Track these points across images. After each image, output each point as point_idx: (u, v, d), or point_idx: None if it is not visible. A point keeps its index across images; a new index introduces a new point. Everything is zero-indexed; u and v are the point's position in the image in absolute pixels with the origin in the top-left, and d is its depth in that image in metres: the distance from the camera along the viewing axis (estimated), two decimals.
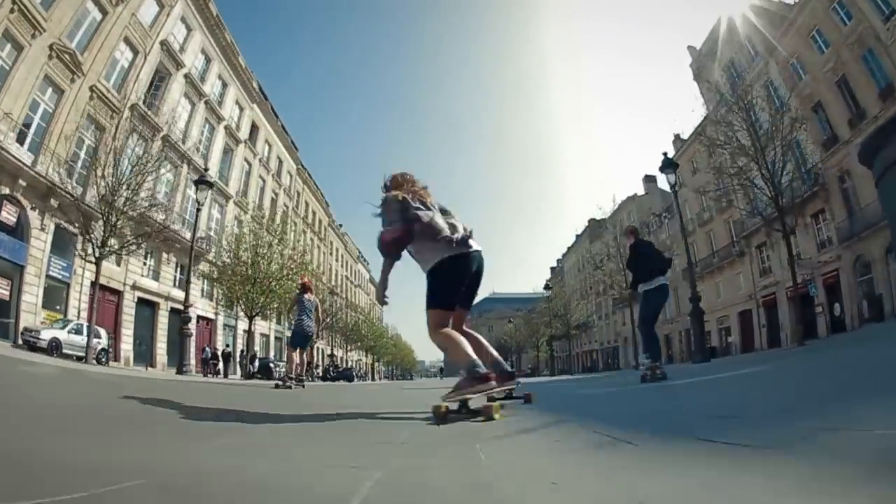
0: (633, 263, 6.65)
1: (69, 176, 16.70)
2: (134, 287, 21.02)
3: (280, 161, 37.33)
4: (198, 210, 14.11)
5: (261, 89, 34.86)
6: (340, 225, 54.66)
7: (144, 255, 22.36)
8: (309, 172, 43.09)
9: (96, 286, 12.75)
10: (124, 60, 21.77)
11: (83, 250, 13.23)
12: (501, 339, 54.28)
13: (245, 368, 18.77)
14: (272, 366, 20.95)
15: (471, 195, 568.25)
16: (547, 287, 28.55)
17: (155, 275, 22.33)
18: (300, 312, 8.62)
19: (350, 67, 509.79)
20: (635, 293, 6.83)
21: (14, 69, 16.03)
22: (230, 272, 19.07)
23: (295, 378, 8.65)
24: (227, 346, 25.68)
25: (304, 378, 9.72)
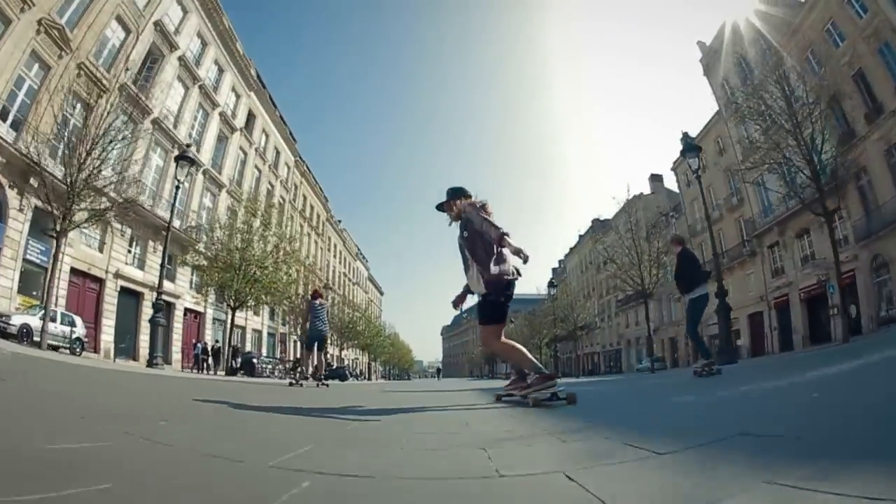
0: (680, 272, 7.32)
1: (51, 155, 15.95)
2: (117, 275, 19.99)
3: (277, 152, 36.32)
4: (177, 188, 13.11)
5: (259, 77, 33.90)
6: (339, 221, 53.64)
7: (129, 243, 21.36)
8: (307, 165, 42.09)
9: (58, 263, 11.71)
10: (115, 39, 20.95)
11: (53, 228, 12.17)
12: None
13: (227, 364, 17.62)
14: (255, 361, 19.72)
15: (472, 190, 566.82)
16: (552, 285, 27.27)
17: (140, 263, 21.30)
18: (313, 318, 9.48)
19: (351, 66, 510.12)
20: (683, 299, 7.56)
21: (0, 43, 15.21)
22: (212, 257, 18.01)
23: (313, 377, 9.68)
24: (217, 342, 24.66)
25: (322, 377, 10.30)
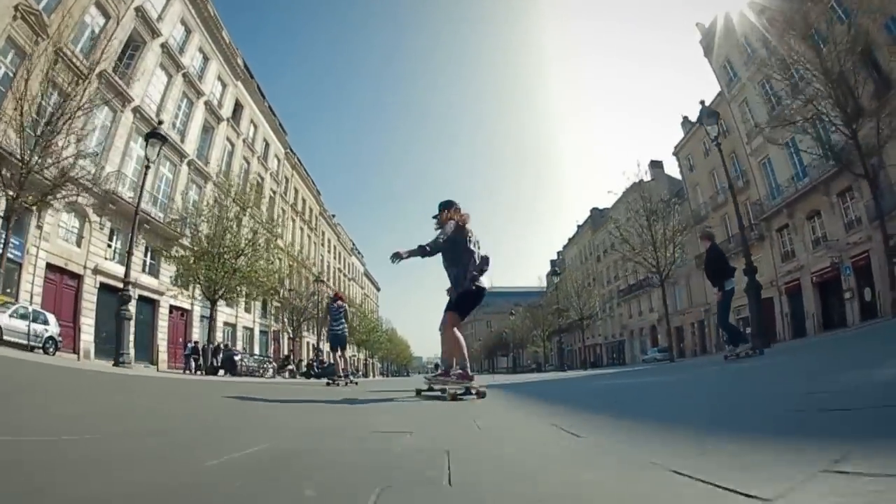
0: (711, 267, 7.84)
1: (25, 143, 14.96)
2: (96, 271, 18.85)
3: (266, 143, 35.10)
4: (146, 167, 12.03)
5: (246, 67, 32.70)
6: (333, 215, 52.39)
7: (109, 237, 20.23)
8: (298, 158, 40.84)
9: (27, 256, 10.59)
10: (95, 25, 20.00)
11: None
12: (503, 333, 52.04)
13: (207, 362, 16.46)
14: (237, 358, 18.48)
15: (467, 189, 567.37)
16: (555, 273, 26.09)
17: (121, 258, 20.07)
18: (332, 320, 10.01)
19: (345, 64, 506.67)
20: (718, 290, 7.81)
21: None
22: (189, 246, 16.86)
23: (343, 376, 10.32)
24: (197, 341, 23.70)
25: (350, 375, 11.24)
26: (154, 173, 23.05)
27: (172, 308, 22.16)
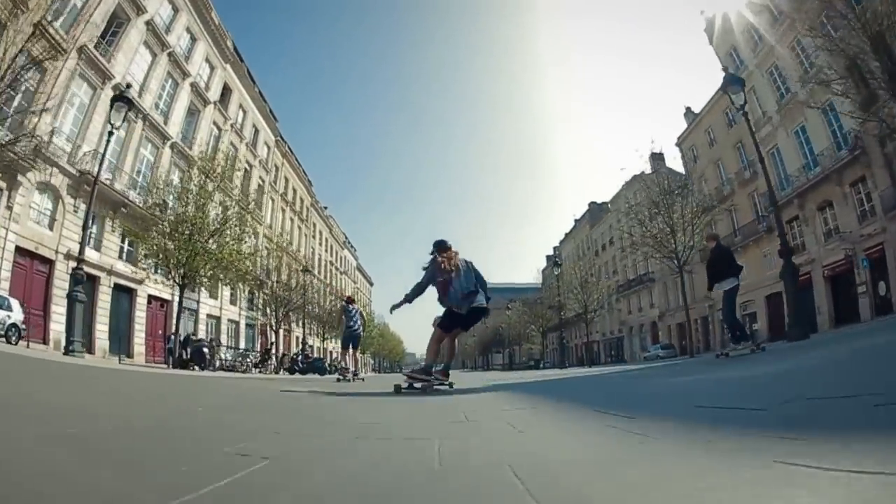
0: (714, 267, 7.80)
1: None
2: (68, 256, 17.47)
3: (256, 130, 33.71)
4: (110, 133, 10.80)
5: (236, 50, 31.32)
6: (325, 207, 51.00)
7: (85, 222, 18.86)
8: (290, 146, 39.43)
9: None
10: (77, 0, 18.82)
11: None
12: (499, 328, 50.94)
13: (175, 353, 15.07)
14: (206, 350, 16.64)
15: (463, 187, 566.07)
16: (556, 264, 24.88)
17: (96, 244, 18.79)
18: (347, 320, 10.50)
19: (339, 66, 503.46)
20: (713, 291, 8.08)
21: None
22: (154, 223, 15.50)
23: (353, 372, 10.85)
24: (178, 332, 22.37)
25: (358, 372, 12.06)
26: (134, 155, 21.78)
27: (151, 298, 20.84)
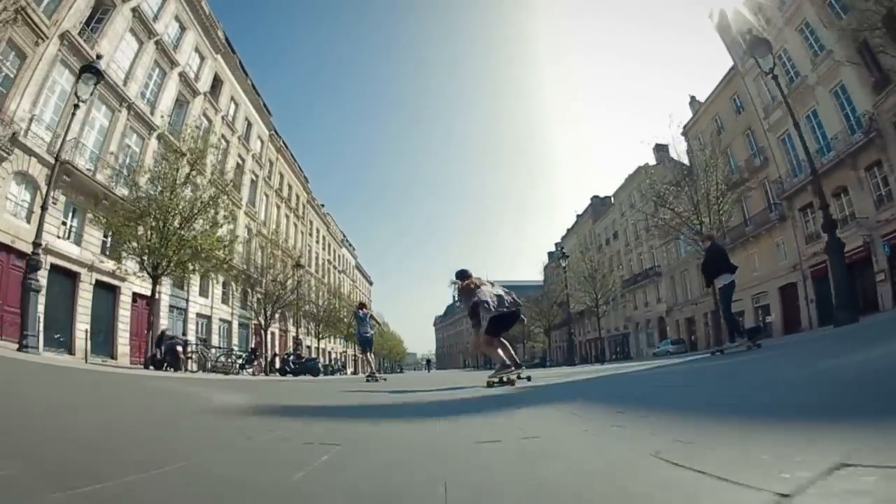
0: (708, 265, 8.38)
1: None
2: (47, 250, 16.42)
3: (249, 123, 32.66)
4: (76, 107, 9.80)
5: (227, 41, 30.32)
6: (322, 205, 49.89)
7: (64, 213, 17.86)
8: (284, 141, 38.40)
9: None
10: None
11: None
12: None
13: (148, 353, 13.90)
14: (180, 349, 15.00)
15: (463, 185, 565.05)
16: (563, 256, 23.75)
17: (77, 238, 17.77)
18: (359, 325, 11.44)
19: (338, 62, 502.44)
20: (710, 288, 9.24)
21: None
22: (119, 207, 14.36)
23: (371, 373, 11.18)
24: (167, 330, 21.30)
25: (378, 372, 12.37)
26: (118, 144, 20.80)
27: (136, 296, 19.76)
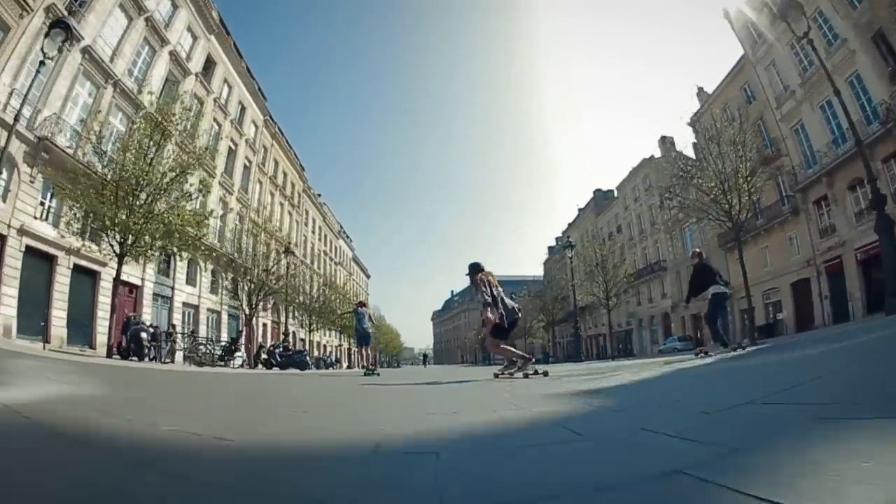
0: (695, 279, 8.68)
1: None
2: (22, 231, 15.44)
3: (242, 107, 31.53)
4: (41, 63, 8.77)
5: (222, 21, 29.21)
6: (319, 195, 48.80)
7: (42, 192, 16.81)
8: (280, 128, 37.25)
9: None
10: None
11: None
12: None
13: (112, 341, 12.75)
14: (144, 336, 13.16)
15: (462, 182, 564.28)
16: (569, 246, 22.64)
17: (55, 219, 16.73)
18: (358, 322, 12.53)
19: (337, 61, 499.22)
20: (690, 301, 9.50)
21: None
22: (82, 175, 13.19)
23: (371, 366, 13.26)
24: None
25: (375, 367, 13.98)
26: (102, 123, 19.78)
27: (118, 282, 18.70)
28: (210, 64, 27.86)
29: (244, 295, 21.88)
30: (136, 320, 13.51)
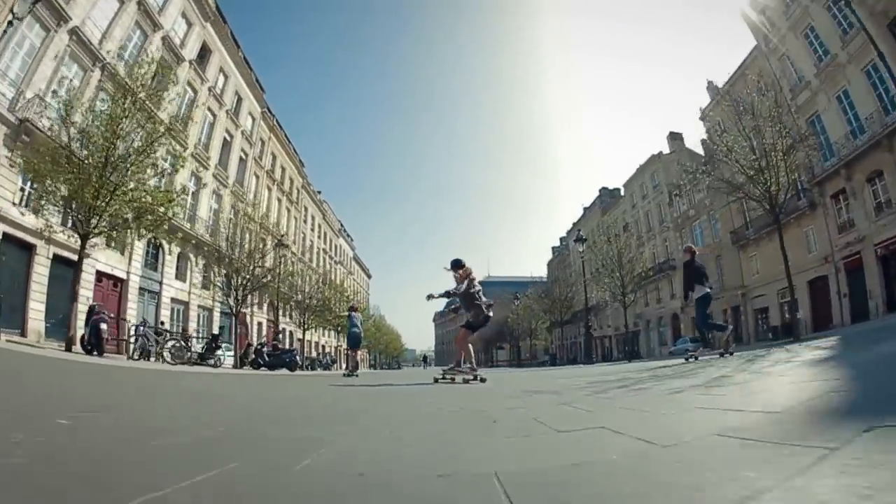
0: (687, 277, 8.75)
1: None
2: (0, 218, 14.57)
3: (239, 98, 30.63)
4: (9, 24, 8.10)
5: (218, 9, 28.35)
6: (319, 192, 47.86)
7: (22, 178, 15.88)
8: (278, 120, 36.32)
9: None
10: None
11: None
12: (507, 318, 48.01)
13: (71, 332, 11.61)
14: (104, 327, 11.76)
15: (465, 183, 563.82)
16: (581, 239, 21.29)
17: (35, 206, 15.80)
18: (350, 326, 13.61)
19: (340, 60, 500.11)
20: (688, 298, 8.85)
21: None
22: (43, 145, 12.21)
23: (354, 368, 13.52)
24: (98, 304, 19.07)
25: (356, 369, 14.11)
26: (88, 107, 18.90)
27: (102, 275, 17.71)
28: (205, 52, 27.00)
29: (229, 286, 20.61)
30: (99, 310, 12.27)
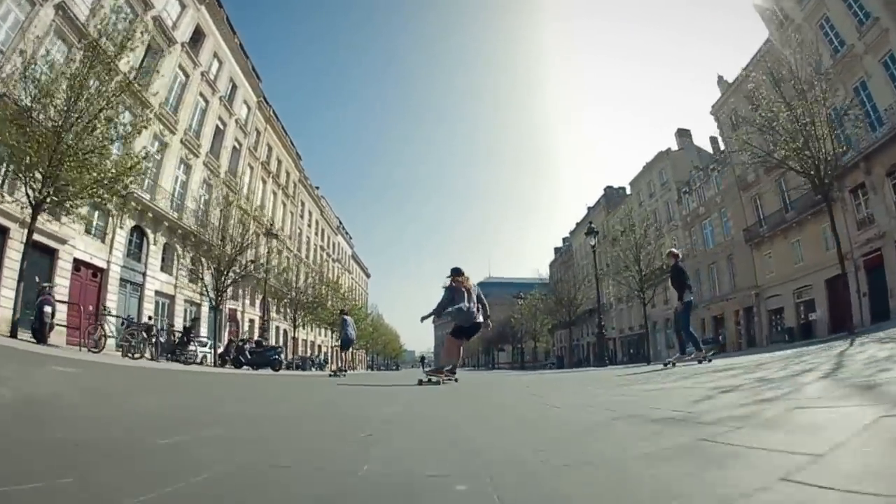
0: (674, 281, 9.00)
1: None
2: None
3: (234, 85, 29.54)
4: None
5: None
6: (317, 187, 46.80)
7: None
8: (275, 111, 35.25)
9: None
10: None
11: None
12: (510, 320, 46.95)
13: (16, 314, 10.39)
14: (48, 311, 10.58)
15: (466, 184, 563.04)
16: (592, 232, 19.93)
17: (10, 188, 14.73)
18: (343, 328, 14.30)
19: (342, 61, 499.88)
20: (681, 303, 8.74)
21: None
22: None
23: (345, 368, 14.40)
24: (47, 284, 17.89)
25: (347, 370, 14.74)
26: (77, 93, 17.90)
27: (80, 263, 16.58)
28: (199, 35, 25.94)
29: (213, 275, 19.26)
30: (46, 291, 11.05)
